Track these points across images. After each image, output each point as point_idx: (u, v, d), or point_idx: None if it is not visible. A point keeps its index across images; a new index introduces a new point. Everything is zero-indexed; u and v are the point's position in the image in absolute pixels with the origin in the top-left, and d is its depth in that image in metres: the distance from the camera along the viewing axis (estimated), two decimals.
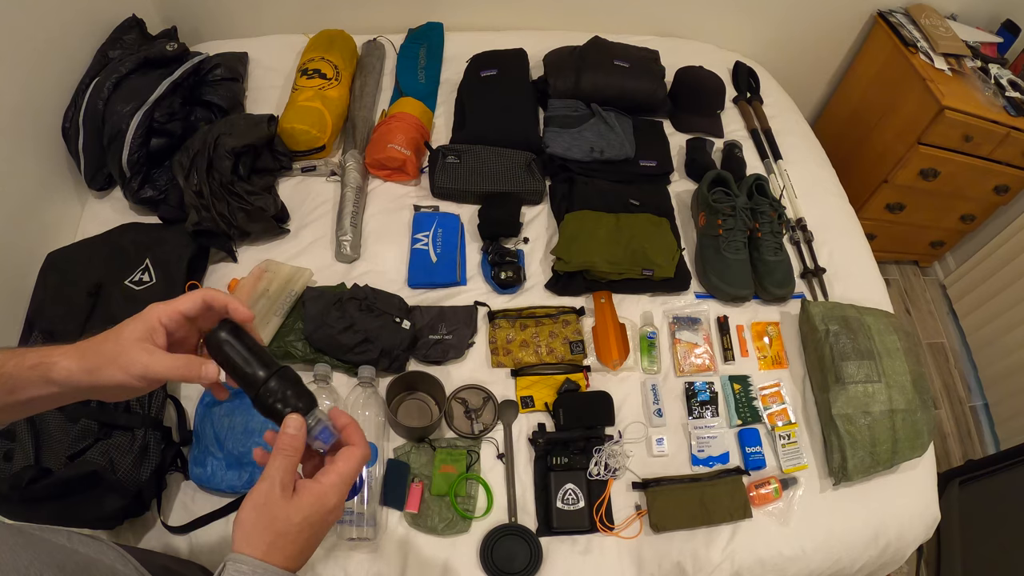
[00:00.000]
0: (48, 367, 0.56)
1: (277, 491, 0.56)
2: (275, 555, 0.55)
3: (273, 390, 0.60)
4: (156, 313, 0.59)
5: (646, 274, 1.36)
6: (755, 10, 1.99)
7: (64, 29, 1.38)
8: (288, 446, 0.58)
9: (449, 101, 1.69)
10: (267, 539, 0.55)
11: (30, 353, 0.57)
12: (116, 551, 0.65)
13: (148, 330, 0.58)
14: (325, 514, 0.57)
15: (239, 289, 1.27)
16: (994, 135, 1.80)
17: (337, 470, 0.59)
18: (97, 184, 1.42)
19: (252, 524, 0.55)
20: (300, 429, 0.59)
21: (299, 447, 0.59)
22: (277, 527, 0.55)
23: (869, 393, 1.20)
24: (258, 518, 0.55)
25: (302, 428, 0.59)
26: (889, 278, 2.42)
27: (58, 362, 0.56)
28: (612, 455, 1.17)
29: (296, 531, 0.56)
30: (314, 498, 0.57)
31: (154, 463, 1.02)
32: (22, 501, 0.92)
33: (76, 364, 0.56)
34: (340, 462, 0.60)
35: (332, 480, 0.58)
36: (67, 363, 0.56)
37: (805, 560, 1.14)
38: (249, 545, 0.54)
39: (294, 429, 0.59)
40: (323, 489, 0.58)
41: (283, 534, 0.55)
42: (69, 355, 0.57)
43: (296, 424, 0.59)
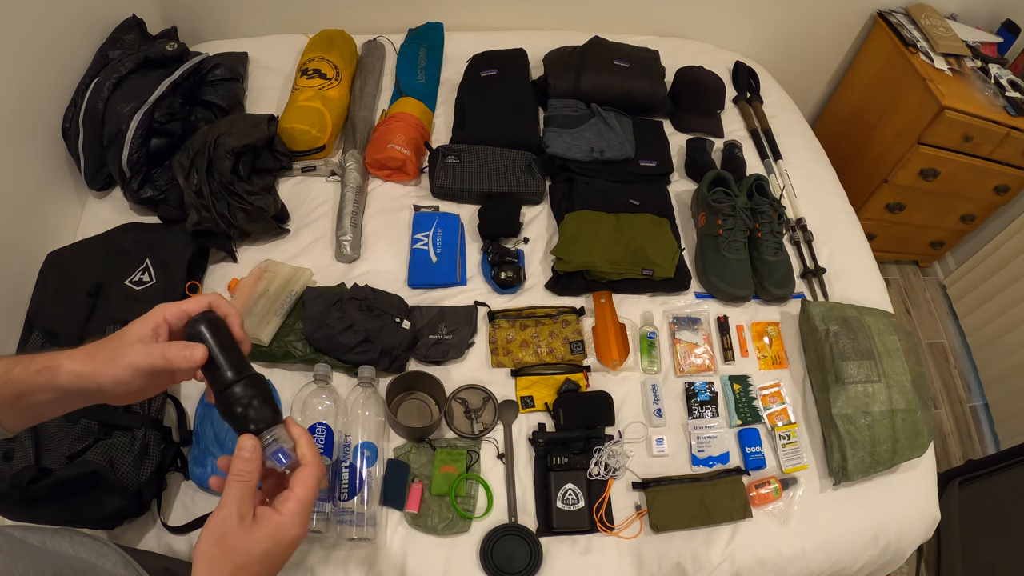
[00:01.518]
0: (53, 371, 0.56)
1: (234, 521, 0.54)
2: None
3: (237, 396, 0.58)
4: (162, 312, 0.59)
5: (646, 274, 1.36)
6: (755, 10, 1.99)
7: (64, 29, 1.39)
8: (242, 471, 0.55)
9: (449, 101, 1.69)
10: (228, 571, 0.53)
11: (37, 358, 0.57)
12: (118, 553, 0.65)
13: (152, 327, 0.58)
14: (287, 545, 0.56)
15: (239, 289, 1.27)
16: (994, 135, 1.80)
17: (296, 497, 0.57)
18: (97, 184, 1.42)
19: (212, 556, 0.53)
20: (254, 452, 0.56)
21: (254, 471, 0.56)
22: (237, 559, 0.53)
23: (869, 393, 1.20)
24: (217, 550, 0.53)
25: (256, 451, 0.57)
26: (889, 278, 2.42)
27: (63, 365, 0.56)
28: (612, 455, 1.17)
29: (258, 563, 0.54)
30: (274, 528, 0.55)
31: (154, 463, 1.02)
32: (22, 501, 0.92)
33: (80, 366, 0.56)
34: (297, 487, 0.57)
35: (292, 508, 0.56)
36: (72, 365, 0.56)
37: (805, 560, 1.14)
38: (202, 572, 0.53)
39: (248, 452, 0.56)
40: (283, 520, 0.55)
41: (244, 566, 0.53)
42: (74, 357, 0.57)
43: (250, 447, 0.56)
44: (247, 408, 0.58)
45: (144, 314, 0.60)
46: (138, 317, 0.59)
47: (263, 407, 0.59)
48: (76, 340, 1.13)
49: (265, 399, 0.59)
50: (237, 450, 0.56)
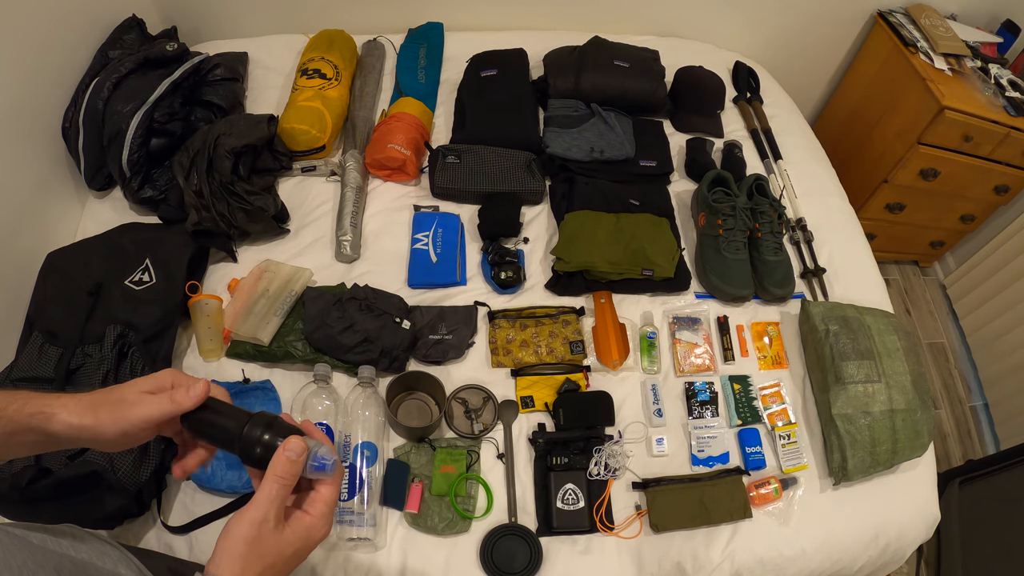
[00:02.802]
0: (47, 418, 0.55)
1: (271, 524, 0.53)
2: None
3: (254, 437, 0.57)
4: (171, 377, 0.60)
5: (646, 274, 1.36)
6: (755, 10, 1.99)
7: (64, 29, 1.38)
8: (287, 473, 0.54)
9: (449, 101, 1.69)
10: (256, 569, 0.53)
11: (32, 400, 0.56)
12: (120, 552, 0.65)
13: (156, 386, 0.59)
14: (313, 544, 0.56)
15: (239, 289, 1.27)
16: (994, 135, 1.80)
17: (323, 498, 0.57)
18: (97, 184, 1.42)
19: (242, 556, 0.52)
20: (301, 456, 0.55)
21: (297, 474, 0.55)
22: (267, 560, 0.53)
23: (869, 393, 1.20)
24: (248, 551, 0.52)
25: (303, 455, 0.55)
26: (889, 278, 2.42)
27: (57, 414, 0.55)
28: (612, 455, 1.17)
29: (284, 563, 0.54)
30: (305, 531, 0.55)
31: (154, 463, 1.02)
32: (22, 501, 0.92)
33: (77, 419, 0.56)
34: (323, 488, 0.57)
35: (321, 510, 0.56)
36: (67, 417, 0.55)
37: (805, 560, 1.14)
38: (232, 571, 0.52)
39: (295, 455, 0.54)
40: (313, 522, 0.56)
41: (272, 566, 0.54)
42: (70, 408, 0.56)
43: (299, 450, 0.54)
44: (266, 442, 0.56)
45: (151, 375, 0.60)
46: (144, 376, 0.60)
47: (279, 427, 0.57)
48: (76, 340, 1.12)
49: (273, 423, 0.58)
50: (284, 451, 0.54)
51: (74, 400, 0.57)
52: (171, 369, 0.61)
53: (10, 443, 0.57)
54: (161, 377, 0.60)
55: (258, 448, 0.56)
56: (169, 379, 0.60)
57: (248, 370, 1.21)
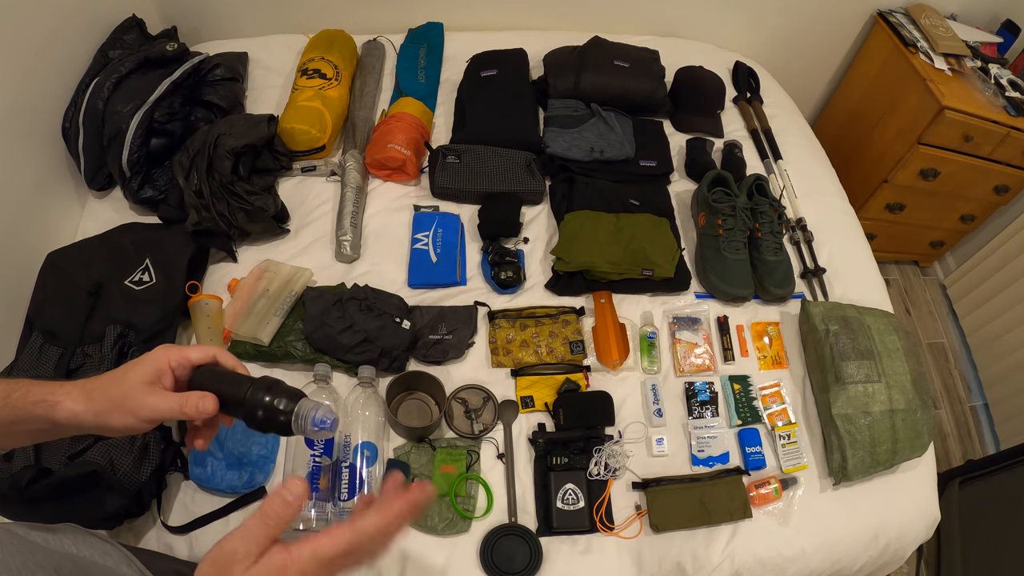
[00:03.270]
0: (50, 406, 0.55)
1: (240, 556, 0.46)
2: None
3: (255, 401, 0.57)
4: (167, 356, 0.58)
5: (646, 274, 1.36)
6: (755, 10, 1.99)
7: (64, 29, 1.38)
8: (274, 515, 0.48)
9: (449, 101, 1.69)
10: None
11: (35, 388, 0.56)
12: (121, 552, 0.65)
13: (156, 372, 0.58)
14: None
15: (239, 289, 1.27)
16: (994, 135, 1.80)
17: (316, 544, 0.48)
18: (97, 184, 1.42)
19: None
20: (299, 499, 0.49)
21: (288, 518, 0.48)
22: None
23: (869, 393, 1.20)
24: None
25: (302, 498, 0.49)
26: (889, 278, 2.42)
27: (61, 402, 0.55)
28: (612, 455, 1.17)
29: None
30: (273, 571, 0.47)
31: (154, 463, 1.02)
32: (22, 501, 0.92)
33: (82, 407, 0.55)
34: (324, 537, 0.48)
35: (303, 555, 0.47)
36: (71, 405, 0.55)
37: (805, 560, 1.14)
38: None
39: (292, 497, 0.49)
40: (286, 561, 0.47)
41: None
42: (74, 396, 0.56)
43: (298, 493, 0.49)
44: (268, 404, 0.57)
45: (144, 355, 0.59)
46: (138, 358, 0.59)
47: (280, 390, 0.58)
48: (76, 340, 1.13)
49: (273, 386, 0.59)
50: (283, 490, 0.49)
51: (77, 388, 0.56)
52: (164, 347, 0.60)
53: (13, 431, 0.57)
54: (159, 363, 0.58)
55: (260, 411, 0.57)
56: (166, 361, 0.58)
57: (248, 370, 1.21)
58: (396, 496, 0.52)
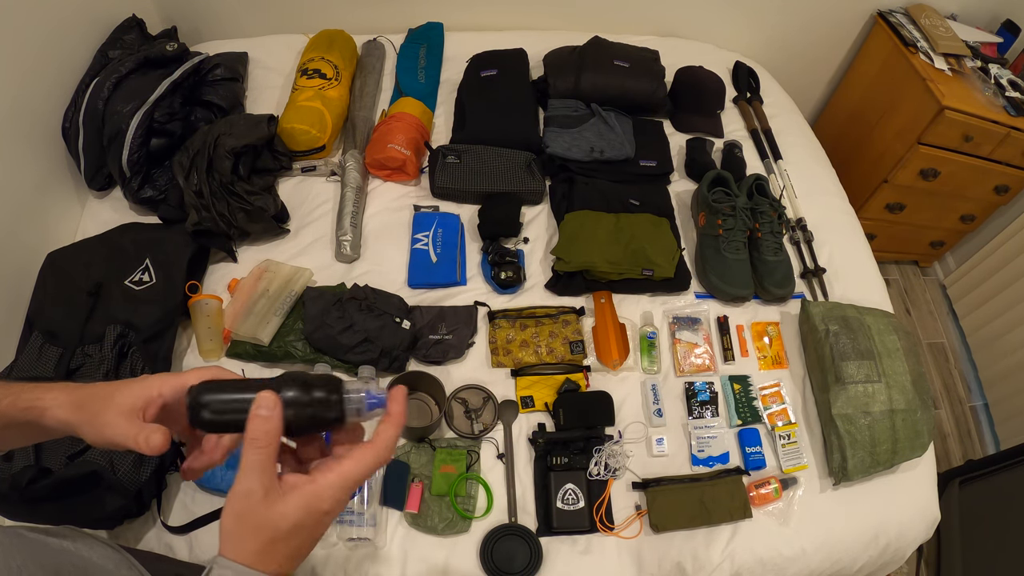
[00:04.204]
0: (40, 412, 0.55)
1: (258, 496, 0.47)
2: (266, 562, 0.48)
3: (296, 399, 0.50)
4: (159, 386, 0.55)
5: (646, 274, 1.36)
6: (755, 10, 1.99)
7: (64, 29, 1.38)
8: (260, 433, 0.47)
9: (449, 101, 1.69)
10: (252, 549, 0.48)
11: (25, 393, 0.56)
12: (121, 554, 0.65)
13: (143, 400, 0.55)
14: (320, 517, 0.49)
15: (239, 289, 1.27)
16: (994, 135, 1.80)
17: (341, 470, 0.49)
18: (97, 184, 1.42)
19: (235, 534, 0.48)
20: (273, 410, 0.48)
21: (273, 432, 0.48)
22: (263, 536, 0.48)
23: (869, 393, 1.20)
24: (240, 527, 0.48)
25: (276, 408, 0.48)
26: (889, 278, 2.42)
27: (50, 409, 0.55)
28: (612, 455, 1.17)
29: (285, 539, 0.48)
30: (305, 502, 0.48)
31: (154, 463, 1.02)
32: (22, 501, 0.92)
33: (68, 416, 0.55)
34: (347, 461, 0.49)
35: (330, 480, 0.48)
36: (60, 414, 0.55)
37: (805, 560, 1.14)
38: (234, 552, 0.48)
39: (266, 411, 0.48)
40: (317, 490, 0.48)
41: (270, 541, 0.48)
42: (63, 405, 0.55)
43: (269, 404, 0.48)
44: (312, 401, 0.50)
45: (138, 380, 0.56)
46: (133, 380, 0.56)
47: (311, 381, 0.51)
48: (76, 340, 1.13)
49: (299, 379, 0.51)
50: (254, 407, 0.48)
51: (64, 394, 0.56)
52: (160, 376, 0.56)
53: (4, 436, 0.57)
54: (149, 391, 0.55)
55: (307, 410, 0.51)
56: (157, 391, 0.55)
57: (248, 370, 1.21)
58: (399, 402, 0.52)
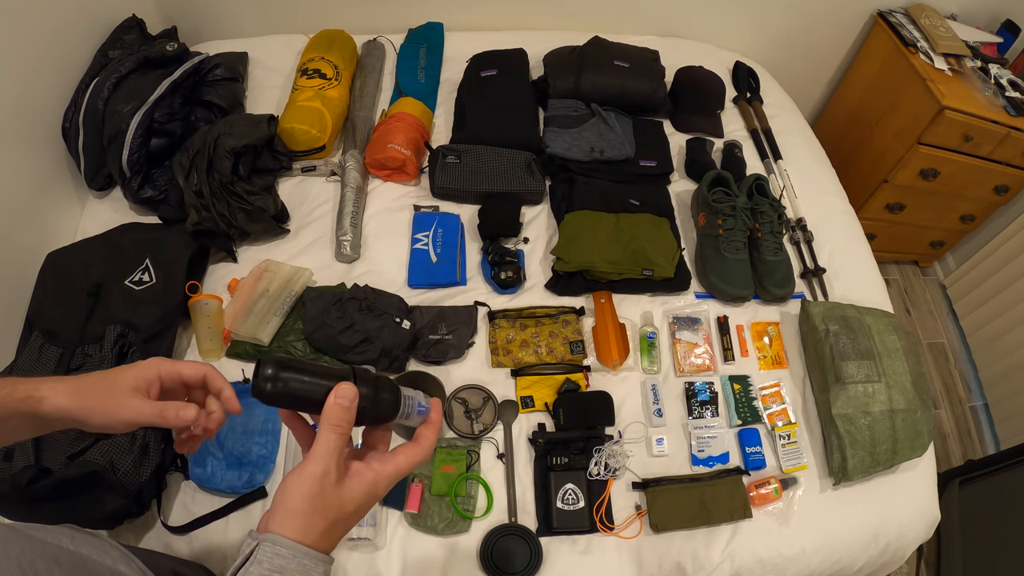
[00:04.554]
0: (37, 402, 0.56)
1: (332, 478, 0.51)
2: (329, 541, 0.52)
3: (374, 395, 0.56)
4: (156, 368, 0.59)
5: (646, 274, 1.36)
6: (755, 10, 1.99)
7: (64, 29, 1.38)
8: (341, 420, 0.52)
9: (449, 101, 1.69)
10: (320, 529, 0.51)
11: (21, 385, 0.57)
12: (120, 551, 0.65)
13: (145, 380, 0.58)
14: (373, 501, 0.55)
15: (239, 289, 1.27)
16: (994, 135, 1.80)
17: (396, 463, 0.55)
18: (97, 184, 1.42)
19: (305, 514, 0.50)
20: (354, 402, 0.53)
21: (352, 420, 0.53)
22: (330, 516, 0.51)
23: (869, 393, 1.20)
24: (311, 508, 0.50)
25: (356, 400, 0.53)
26: (889, 278, 2.42)
27: (47, 398, 0.56)
28: (612, 455, 1.17)
29: (346, 519, 0.53)
30: (367, 488, 0.53)
31: (154, 463, 1.02)
32: (22, 501, 0.92)
33: (67, 402, 0.57)
34: (401, 456, 0.56)
35: (388, 471, 0.55)
36: (58, 401, 0.56)
37: (805, 560, 1.14)
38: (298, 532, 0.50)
39: (348, 401, 0.53)
40: (377, 478, 0.54)
41: (336, 522, 0.52)
42: (60, 393, 0.57)
43: (350, 396, 0.53)
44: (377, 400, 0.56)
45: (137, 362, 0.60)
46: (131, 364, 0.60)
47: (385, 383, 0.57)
48: (76, 340, 1.13)
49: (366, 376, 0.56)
50: (336, 396, 0.52)
51: (63, 384, 0.57)
52: (157, 360, 0.60)
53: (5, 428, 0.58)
54: (148, 372, 0.59)
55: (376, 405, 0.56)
56: (156, 373, 0.59)
57: (248, 370, 1.21)
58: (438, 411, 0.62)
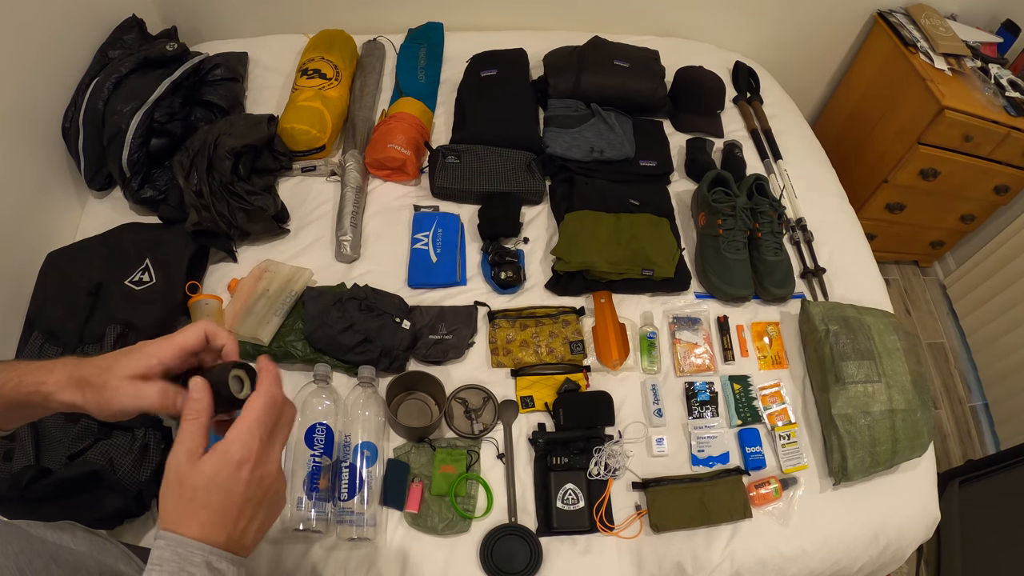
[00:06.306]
0: (44, 396, 0.57)
1: (181, 459, 0.52)
2: (187, 525, 0.51)
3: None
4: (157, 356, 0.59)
5: (646, 274, 1.36)
6: (755, 10, 1.99)
7: (64, 29, 1.38)
8: (191, 410, 0.55)
9: (449, 101, 1.69)
10: (177, 510, 0.51)
11: (27, 377, 0.58)
12: (119, 550, 0.65)
13: (145, 368, 0.58)
14: (232, 470, 0.52)
15: (239, 289, 1.27)
16: (994, 135, 1.80)
17: (241, 419, 0.55)
18: (97, 184, 1.42)
19: (163, 497, 0.52)
20: (204, 391, 0.56)
21: (203, 409, 0.55)
22: (185, 495, 0.51)
23: (869, 393, 1.20)
24: (166, 490, 0.52)
25: (205, 390, 0.56)
26: (889, 278, 2.42)
27: (54, 394, 0.57)
28: (612, 455, 1.17)
29: (204, 495, 0.51)
30: (216, 455, 0.52)
31: (154, 463, 1.02)
32: (22, 501, 0.92)
33: (71, 397, 0.57)
34: (244, 412, 0.55)
35: (235, 433, 0.54)
36: (63, 396, 0.57)
37: (805, 560, 1.14)
38: (163, 519, 0.51)
39: (198, 392, 0.55)
40: (224, 444, 0.53)
41: (189, 500, 0.51)
42: (66, 388, 0.57)
43: (199, 386, 0.56)
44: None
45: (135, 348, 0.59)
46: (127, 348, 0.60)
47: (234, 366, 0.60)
48: (76, 340, 1.13)
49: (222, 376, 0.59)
50: (188, 391, 0.56)
51: (66, 376, 0.58)
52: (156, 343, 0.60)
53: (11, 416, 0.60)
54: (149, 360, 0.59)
55: None
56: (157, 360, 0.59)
57: None
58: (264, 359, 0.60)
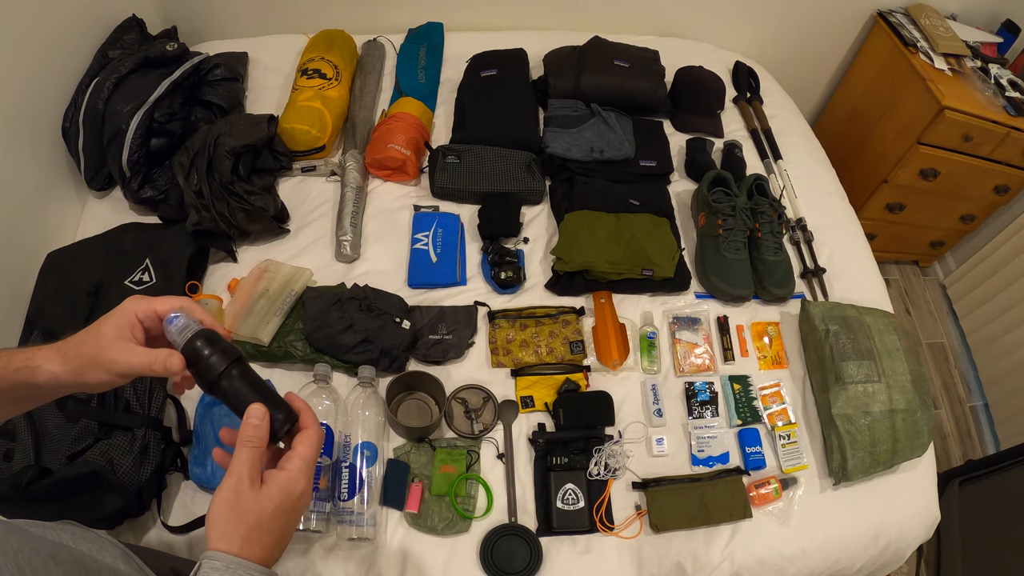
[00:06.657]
0: (32, 371, 0.58)
1: (246, 484, 0.55)
2: (251, 549, 0.54)
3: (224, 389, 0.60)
4: (133, 308, 0.60)
5: (646, 274, 1.36)
6: (755, 10, 1.99)
7: (64, 29, 1.38)
8: (252, 437, 0.57)
9: (449, 101, 1.69)
10: (241, 533, 0.54)
11: (16, 356, 0.59)
12: (119, 549, 0.65)
13: (127, 325, 0.60)
14: (295, 500, 0.58)
15: (239, 289, 1.27)
16: (994, 135, 1.80)
17: (300, 455, 0.59)
18: (97, 184, 1.42)
19: (224, 521, 0.54)
20: (264, 419, 0.58)
21: (263, 437, 0.58)
22: (250, 520, 0.55)
23: (869, 393, 1.20)
24: (229, 514, 0.54)
25: (266, 418, 0.59)
26: (889, 278, 2.42)
27: (42, 366, 0.58)
28: (612, 455, 1.17)
29: (269, 521, 0.55)
30: (282, 486, 0.57)
31: (154, 463, 1.02)
32: (22, 501, 0.92)
33: (60, 367, 0.58)
34: (300, 446, 0.60)
35: (297, 465, 0.58)
36: (51, 367, 0.58)
37: (805, 560, 1.14)
38: (223, 541, 0.54)
39: (257, 420, 0.58)
40: (290, 476, 0.58)
41: (256, 526, 0.55)
42: (52, 359, 0.58)
43: (259, 414, 0.58)
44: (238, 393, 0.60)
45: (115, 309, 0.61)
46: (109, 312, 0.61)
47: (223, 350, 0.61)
48: None
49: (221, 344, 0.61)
50: (246, 417, 0.58)
51: (54, 350, 0.59)
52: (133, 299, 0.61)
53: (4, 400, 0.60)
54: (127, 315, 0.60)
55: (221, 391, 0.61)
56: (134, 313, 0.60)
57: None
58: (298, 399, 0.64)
